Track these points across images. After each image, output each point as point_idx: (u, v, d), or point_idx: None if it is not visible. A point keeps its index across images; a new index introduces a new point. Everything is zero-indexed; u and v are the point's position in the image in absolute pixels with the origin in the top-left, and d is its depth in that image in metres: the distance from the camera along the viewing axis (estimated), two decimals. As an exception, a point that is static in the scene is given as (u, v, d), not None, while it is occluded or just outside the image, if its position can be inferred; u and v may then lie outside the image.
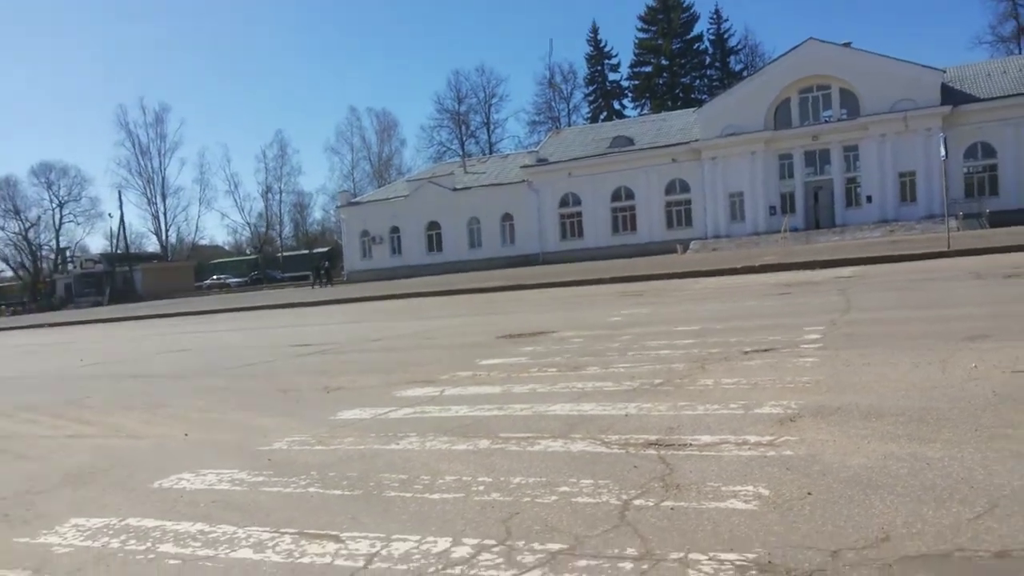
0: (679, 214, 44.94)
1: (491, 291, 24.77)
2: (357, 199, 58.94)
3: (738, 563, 3.25)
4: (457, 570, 3.47)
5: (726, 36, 78.18)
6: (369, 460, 5.48)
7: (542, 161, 48.98)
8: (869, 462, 4.39)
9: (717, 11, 78.11)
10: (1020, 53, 60.73)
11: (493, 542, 3.75)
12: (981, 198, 38.89)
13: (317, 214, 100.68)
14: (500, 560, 3.54)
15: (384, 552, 3.76)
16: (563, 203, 47.71)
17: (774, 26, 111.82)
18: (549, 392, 7.26)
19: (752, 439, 5.07)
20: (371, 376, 9.33)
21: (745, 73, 71.60)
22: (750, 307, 13.43)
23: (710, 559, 3.32)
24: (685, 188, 44.75)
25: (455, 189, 50.79)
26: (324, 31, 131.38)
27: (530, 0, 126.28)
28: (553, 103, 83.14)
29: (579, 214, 47.16)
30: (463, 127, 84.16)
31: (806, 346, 8.49)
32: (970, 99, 39.59)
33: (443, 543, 3.79)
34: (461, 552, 3.67)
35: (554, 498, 4.31)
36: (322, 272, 47.29)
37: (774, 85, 42.32)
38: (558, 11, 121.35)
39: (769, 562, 3.23)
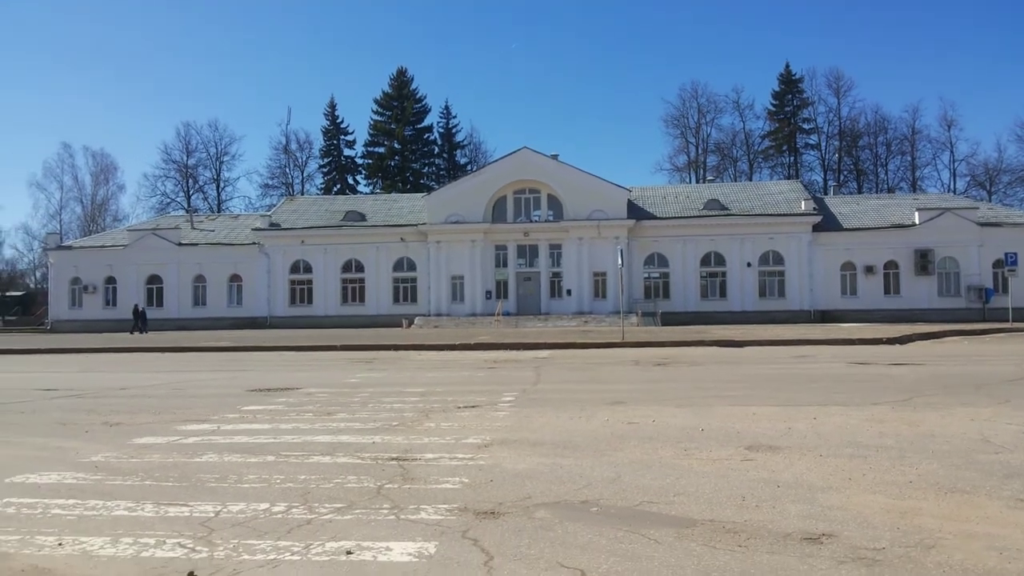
0: (406, 290, 48.12)
1: (226, 351, 25.71)
2: (69, 244, 55.38)
3: (447, 508, 5.78)
4: (279, 516, 5.64)
5: (454, 131, 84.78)
6: (182, 467, 7.32)
7: (275, 226, 49.98)
8: (528, 467, 7.17)
9: (447, 107, 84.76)
10: (690, 182, 73.09)
11: (298, 504, 5.95)
12: (656, 299, 46.36)
13: (6, 252, 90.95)
14: (305, 511, 5.76)
15: (224, 510, 5.80)
16: (294, 269, 48.92)
17: (497, 127, 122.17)
18: (311, 428, 9.42)
19: (460, 455, 7.68)
20: (144, 415, 10.75)
21: (469, 167, 78.14)
22: (464, 376, 16.32)
23: (433, 507, 5.81)
24: (412, 267, 48.13)
25: (181, 244, 49.99)
26: (39, 56, 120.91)
27: (271, 65, 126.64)
28: (288, 169, 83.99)
29: (310, 281, 48.62)
30: (191, 180, 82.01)
31: (502, 404, 11.42)
32: (650, 216, 47.50)
33: (264, 506, 5.91)
34: (278, 508, 5.83)
35: (331, 486, 6.56)
36: (138, 319, 43.66)
37: (493, 183, 47.56)
38: (299, 81, 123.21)
39: (465, 507, 5.79)
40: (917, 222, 45.23)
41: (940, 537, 4.92)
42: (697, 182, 72.21)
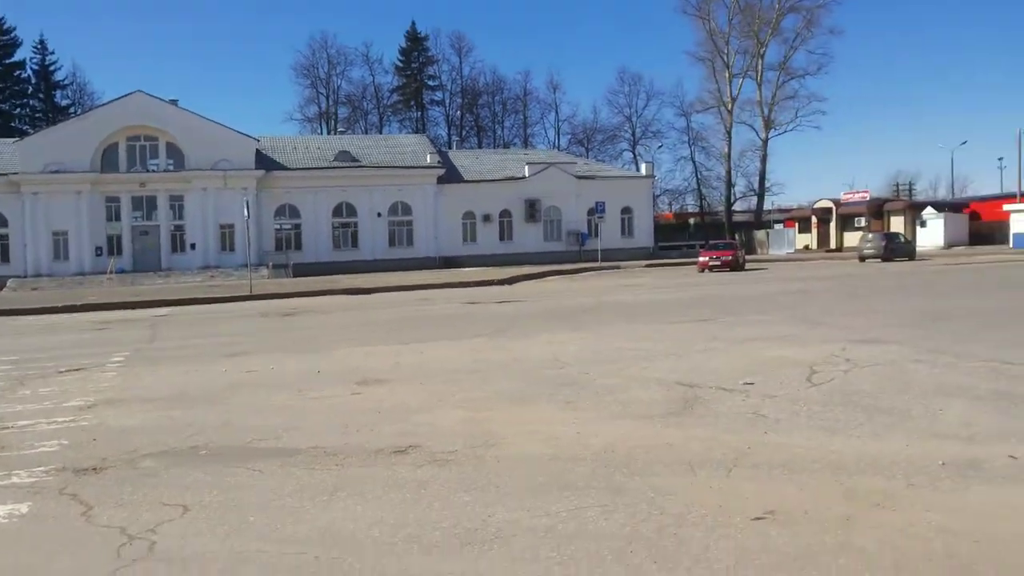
0: (-4, 250, 41.92)
1: None
2: None
3: (43, 471, 5.58)
4: None
5: (52, 69, 74.13)
6: None
7: None
8: (136, 423, 7.08)
9: (42, 41, 73.51)
10: (321, 134, 72.84)
11: None
12: (288, 251, 45.86)
13: None
14: None
15: None
16: None
17: (107, 69, 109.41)
18: None
19: (60, 419, 7.31)
20: None
21: (73, 110, 69.39)
22: (69, 340, 15.00)
23: (27, 471, 5.56)
24: (4, 223, 41.96)
25: None
26: None
27: None
28: None
29: None
30: None
31: (111, 365, 10.87)
32: (280, 167, 46.56)
33: None
34: None
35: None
36: None
37: (102, 129, 42.96)
38: None
39: (64, 467, 5.63)
40: (527, 175, 50.06)
41: (502, 437, 5.97)
42: (328, 134, 72.08)
